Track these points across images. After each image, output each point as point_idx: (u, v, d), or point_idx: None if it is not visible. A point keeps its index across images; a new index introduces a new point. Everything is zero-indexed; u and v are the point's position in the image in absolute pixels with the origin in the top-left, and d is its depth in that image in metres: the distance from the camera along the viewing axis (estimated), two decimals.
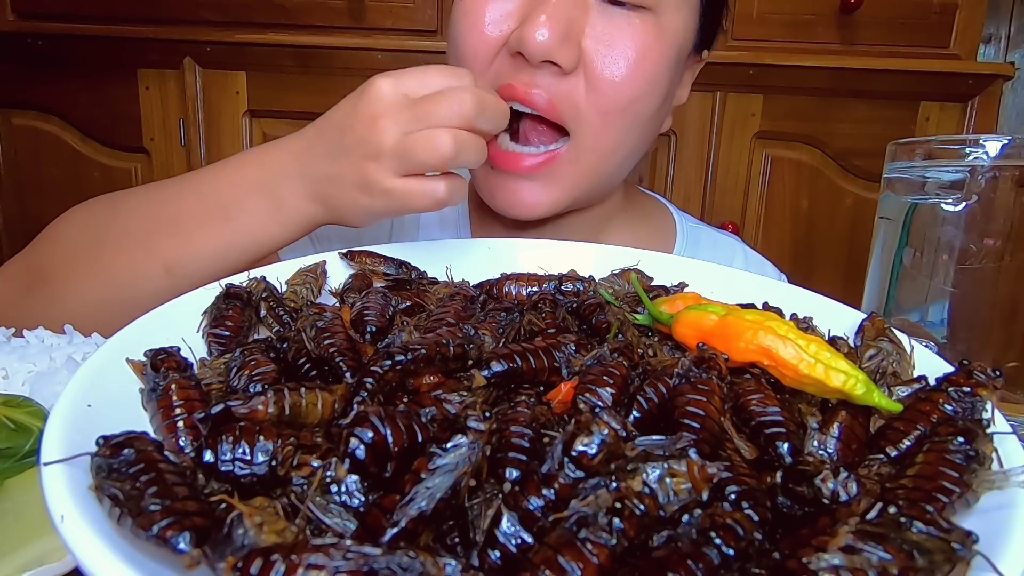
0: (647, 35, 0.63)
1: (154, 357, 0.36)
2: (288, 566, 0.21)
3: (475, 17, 0.64)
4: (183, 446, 0.32)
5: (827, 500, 0.27)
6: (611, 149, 0.68)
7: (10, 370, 0.49)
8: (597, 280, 0.55)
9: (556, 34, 0.60)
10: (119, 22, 1.58)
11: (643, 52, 0.63)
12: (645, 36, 0.63)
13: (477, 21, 0.64)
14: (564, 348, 0.39)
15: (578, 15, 0.62)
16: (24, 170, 1.72)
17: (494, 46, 0.64)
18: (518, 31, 0.61)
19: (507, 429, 0.30)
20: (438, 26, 1.58)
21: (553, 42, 0.60)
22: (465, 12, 0.66)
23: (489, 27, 0.64)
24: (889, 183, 0.65)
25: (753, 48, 1.51)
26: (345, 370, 0.38)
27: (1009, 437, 0.32)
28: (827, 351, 0.36)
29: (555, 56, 0.60)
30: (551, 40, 0.59)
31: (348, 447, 0.27)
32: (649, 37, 0.64)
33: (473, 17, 0.65)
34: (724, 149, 1.60)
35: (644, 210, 0.88)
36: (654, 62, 0.64)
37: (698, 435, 0.30)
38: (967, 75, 1.50)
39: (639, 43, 0.63)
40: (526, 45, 0.60)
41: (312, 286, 0.52)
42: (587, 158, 0.67)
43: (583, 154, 0.66)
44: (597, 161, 0.68)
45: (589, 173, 0.68)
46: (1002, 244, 0.58)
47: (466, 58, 0.66)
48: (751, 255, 0.88)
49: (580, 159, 0.66)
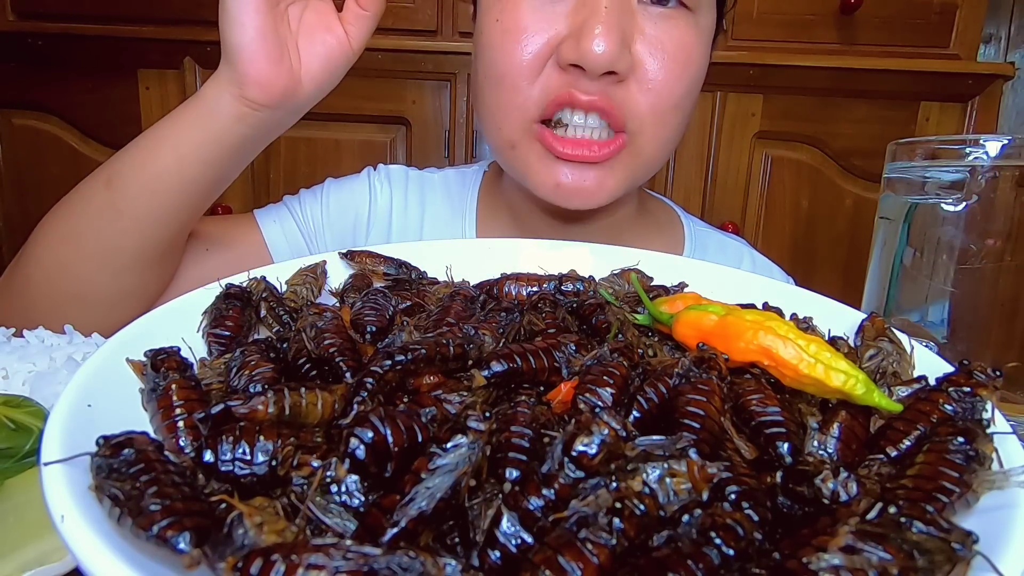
0: (690, 35, 0.66)
1: (154, 357, 0.36)
2: (288, 566, 0.21)
3: (517, 34, 0.64)
4: (183, 446, 0.32)
5: (827, 500, 0.27)
6: (666, 143, 0.70)
7: (10, 370, 0.49)
8: (597, 280, 0.55)
9: (614, 44, 0.60)
10: (119, 22, 1.58)
11: (689, 52, 0.66)
12: (688, 36, 0.65)
13: (520, 37, 0.64)
14: (564, 348, 0.39)
15: (628, 20, 0.63)
16: (24, 170, 1.72)
17: (541, 60, 0.64)
18: (573, 44, 0.61)
19: (507, 429, 0.30)
20: (438, 26, 1.57)
21: (613, 53, 0.60)
22: (505, 30, 0.65)
23: (534, 40, 0.64)
24: (889, 183, 0.65)
25: (753, 48, 1.51)
26: (345, 370, 0.38)
27: (1009, 437, 0.32)
28: (827, 351, 0.36)
29: (616, 66, 0.61)
30: (610, 51, 0.60)
31: (348, 447, 0.27)
32: (691, 36, 0.66)
33: (515, 34, 0.65)
34: (724, 149, 1.60)
35: (655, 215, 0.89)
36: (698, 60, 0.67)
37: (698, 435, 0.30)
38: (967, 75, 1.50)
39: (685, 43, 0.65)
40: (587, 59, 0.61)
41: (312, 286, 0.52)
42: (646, 152, 0.69)
43: (643, 148, 0.68)
44: (654, 155, 0.70)
45: (646, 165, 0.71)
46: (1002, 244, 0.58)
47: (510, 75, 0.65)
48: (759, 259, 0.88)
49: (640, 152, 0.68)
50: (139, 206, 0.63)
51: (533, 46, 0.64)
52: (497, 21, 0.66)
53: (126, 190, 0.63)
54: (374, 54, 1.54)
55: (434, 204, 0.87)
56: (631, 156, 0.68)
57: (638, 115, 0.65)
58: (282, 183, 1.65)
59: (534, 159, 0.68)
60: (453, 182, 0.89)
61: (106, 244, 0.64)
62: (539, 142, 0.67)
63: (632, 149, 0.68)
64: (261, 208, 0.84)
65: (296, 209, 0.84)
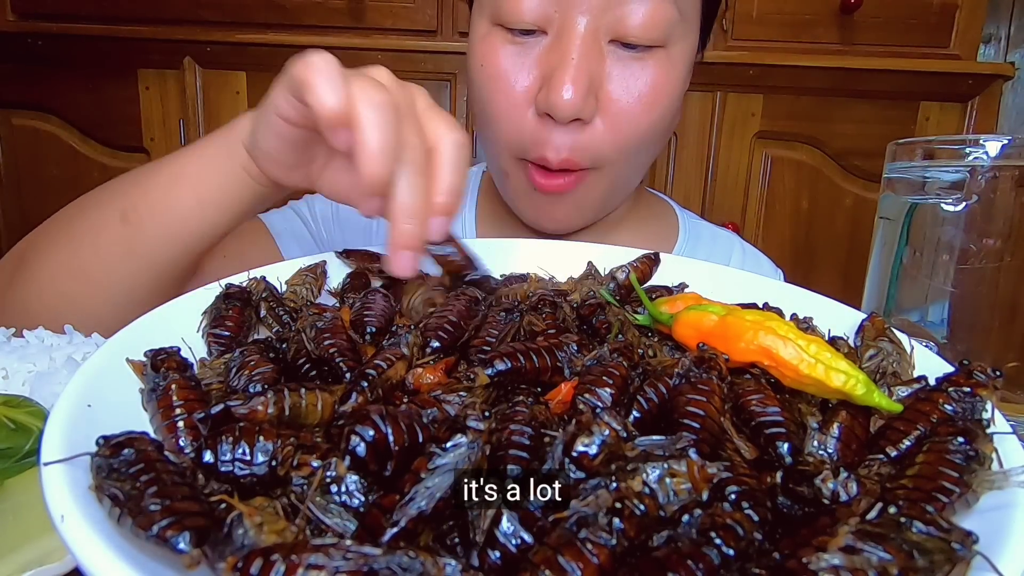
0: (659, 73, 0.66)
1: (154, 357, 0.36)
2: (288, 566, 0.21)
3: (498, 82, 0.67)
4: (183, 446, 0.32)
5: (827, 500, 0.27)
6: (637, 168, 0.75)
7: (10, 370, 0.49)
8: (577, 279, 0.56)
9: (580, 93, 0.63)
10: (119, 22, 1.58)
11: (657, 90, 0.67)
12: (658, 74, 0.66)
13: (501, 86, 0.67)
14: (566, 348, 0.39)
15: (596, 66, 0.64)
16: (24, 170, 1.72)
17: (523, 106, 0.67)
18: (545, 95, 0.64)
19: (507, 428, 0.30)
20: (438, 26, 1.58)
21: (579, 101, 0.63)
22: (488, 77, 0.68)
23: (514, 90, 0.67)
24: (889, 183, 0.65)
25: (753, 48, 1.51)
26: (345, 371, 0.38)
27: (1009, 437, 0.32)
28: (827, 351, 0.36)
29: (581, 113, 0.64)
30: (576, 100, 0.62)
31: (349, 444, 0.27)
32: (660, 76, 0.66)
33: (496, 82, 0.68)
34: (724, 149, 1.60)
35: (650, 210, 0.91)
36: (665, 98, 0.68)
37: (698, 435, 0.30)
38: (967, 75, 1.50)
39: (654, 82, 0.66)
40: (554, 107, 0.63)
41: (312, 286, 0.52)
42: (613, 181, 0.72)
43: (610, 179, 0.71)
44: (622, 183, 0.74)
45: (615, 192, 0.74)
46: (1002, 244, 0.58)
47: (499, 119, 0.69)
48: (748, 249, 0.91)
49: (610, 179, 0.71)
50: (157, 250, 0.59)
51: (514, 94, 0.67)
52: (482, 66, 0.69)
53: (144, 231, 0.59)
54: (374, 54, 1.54)
55: None
56: (600, 183, 0.71)
57: (603, 154, 0.68)
58: None
59: (521, 190, 0.73)
60: None
61: (118, 283, 0.61)
62: (524, 174, 0.71)
63: (599, 178, 0.70)
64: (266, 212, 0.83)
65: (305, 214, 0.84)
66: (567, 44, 0.63)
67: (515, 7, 0.64)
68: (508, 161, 0.72)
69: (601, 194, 0.72)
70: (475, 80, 0.71)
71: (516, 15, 0.65)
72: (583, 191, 0.71)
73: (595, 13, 0.63)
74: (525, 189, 0.72)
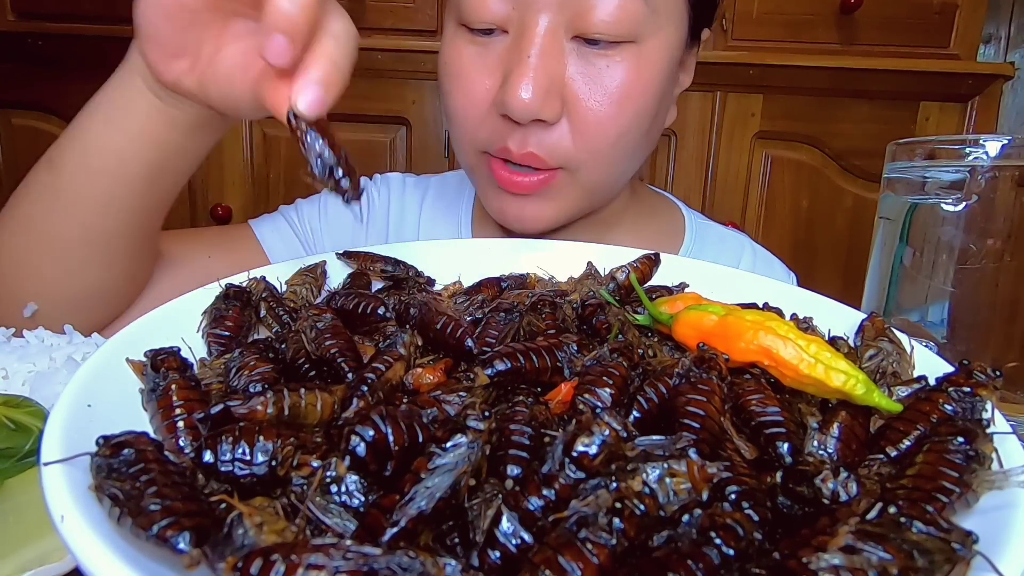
0: (628, 72, 0.63)
1: (154, 357, 0.36)
2: (288, 566, 0.21)
3: (461, 80, 0.66)
4: (183, 446, 0.32)
5: (827, 500, 0.27)
6: (612, 170, 0.70)
7: (10, 370, 0.49)
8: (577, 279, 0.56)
9: (539, 93, 0.61)
10: (119, 22, 1.57)
11: (625, 90, 0.64)
12: (626, 73, 0.63)
13: (464, 83, 0.66)
14: (566, 348, 0.39)
15: (556, 66, 0.62)
16: (24, 170, 1.69)
17: (483, 106, 0.66)
18: (501, 94, 0.62)
19: (507, 427, 0.30)
20: (438, 26, 1.57)
21: (537, 102, 0.61)
22: (451, 75, 0.67)
23: (475, 89, 0.65)
24: (889, 183, 0.65)
25: (753, 48, 1.51)
26: (347, 371, 0.38)
27: (1009, 437, 0.32)
28: (827, 351, 0.36)
29: (541, 114, 0.62)
30: (535, 100, 0.61)
31: (349, 444, 0.27)
32: (630, 73, 0.63)
33: (459, 80, 0.67)
34: (724, 149, 1.60)
35: (651, 208, 0.88)
36: (638, 96, 0.65)
37: (698, 435, 0.30)
38: (967, 75, 1.50)
39: (620, 82, 0.63)
40: (511, 108, 0.61)
41: (312, 286, 0.52)
42: (584, 183, 0.69)
43: (584, 179, 0.68)
44: (594, 185, 0.70)
45: (588, 193, 0.71)
46: (1002, 244, 0.58)
47: (458, 118, 0.68)
48: (759, 251, 0.87)
49: (578, 183, 0.68)
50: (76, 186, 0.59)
51: (475, 94, 0.66)
52: (446, 65, 0.68)
53: (63, 168, 0.59)
54: (374, 54, 1.54)
55: (430, 208, 0.87)
56: (572, 187, 0.68)
57: (572, 155, 0.65)
58: (282, 183, 1.65)
59: (485, 184, 0.71)
60: (450, 185, 0.90)
61: (48, 230, 0.61)
62: (487, 170, 0.69)
63: (572, 180, 0.68)
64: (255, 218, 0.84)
65: (292, 217, 0.84)
66: (526, 43, 0.61)
67: (475, 7, 0.63)
68: (473, 156, 0.70)
69: (575, 197, 0.70)
70: (441, 80, 0.70)
71: (476, 15, 0.64)
72: (554, 191, 0.68)
73: (554, 10, 0.61)
74: (489, 180, 0.70)
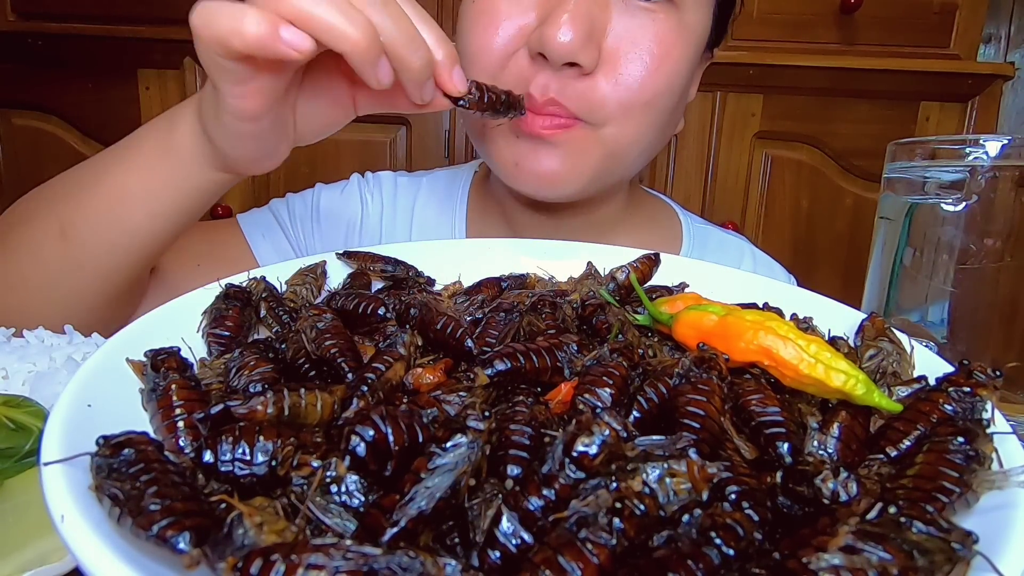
0: (669, 32, 0.63)
1: (154, 357, 0.36)
2: (288, 566, 0.21)
3: (491, 16, 0.63)
4: (183, 446, 0.32)
5: (827, 500, 0.27)
6: (632, 139, 0.66)
7: (10, 370, 0.49)
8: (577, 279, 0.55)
9: (579, 35, 0.58)
10: (119, 22, 1.58)
11: (666, 49, 0.63)
12: (667, 33, 0.63)
13: (494, 19, 0.63)
14: (566, 348, 0.39)
15: (600, 13, 0.61)
16: (24, 170, 1.72)
17: (512, 45, 0.62)
18: (539, 31, 0.59)
19: (507, 427, 0.30)
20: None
21: (577, 44, 0.58)
22: (480, 11, 0.64)
23: (506, 26, 0.62)
24: (889, 183, 0.65)
25: (753, 48, 1.51)
26: (347, 371, 0.38)
27: (1009, 437, 0.32)
28: (827, 351, 0.36)
29: (578, 58, 0.59)
30: (575, 42, 0.58)
31: (349, 444, 0.27)
32: (672, 34, 0.63)
33: (489, 16, 0.63)
34: (724, 149, 1.60)
35: (649, 212, 0.87)
36: (676, 59, 0.64)
37: (698, 435, 0.30)
38: (967, 75, 1.49)
39: (662, 40, 0.62)
40: (548, 47, 0.58)
41: (312, 286, 0.52)
42: (608, 142, 0.65)
43: (609, 140, 0.65)
44: (618, 147, 0.66)
45: (615, 159, 0.67)
46: (1002, 244, 0.58)
47: (482, 57, 0.63)
48: (760, 256, 0.87)
49: (601, 141, 0.65)
50: (104, 260, 0.58)
51: (505, 32, 0.62)
52: (473, 2, 0.64)
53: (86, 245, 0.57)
54: None
55: (422, 207, 0.86)
56: (596, 145, 0.65)
57: (602, 107, 0.62)
58: (282, 183, 1.64)
59: (499, 137, 0.66)
60: (442, 183, 0.88)
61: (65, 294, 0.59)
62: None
63: (597, 138, 0.64)
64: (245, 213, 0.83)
65: (284, 218, 0.83)
66: None
67: None
68: None
69: (596, 156, 0.65)
70: (465, 15, 0.65)
71: None
72: (573, 144, 0.64)
73: None
74: (504, 136, 0.65)
